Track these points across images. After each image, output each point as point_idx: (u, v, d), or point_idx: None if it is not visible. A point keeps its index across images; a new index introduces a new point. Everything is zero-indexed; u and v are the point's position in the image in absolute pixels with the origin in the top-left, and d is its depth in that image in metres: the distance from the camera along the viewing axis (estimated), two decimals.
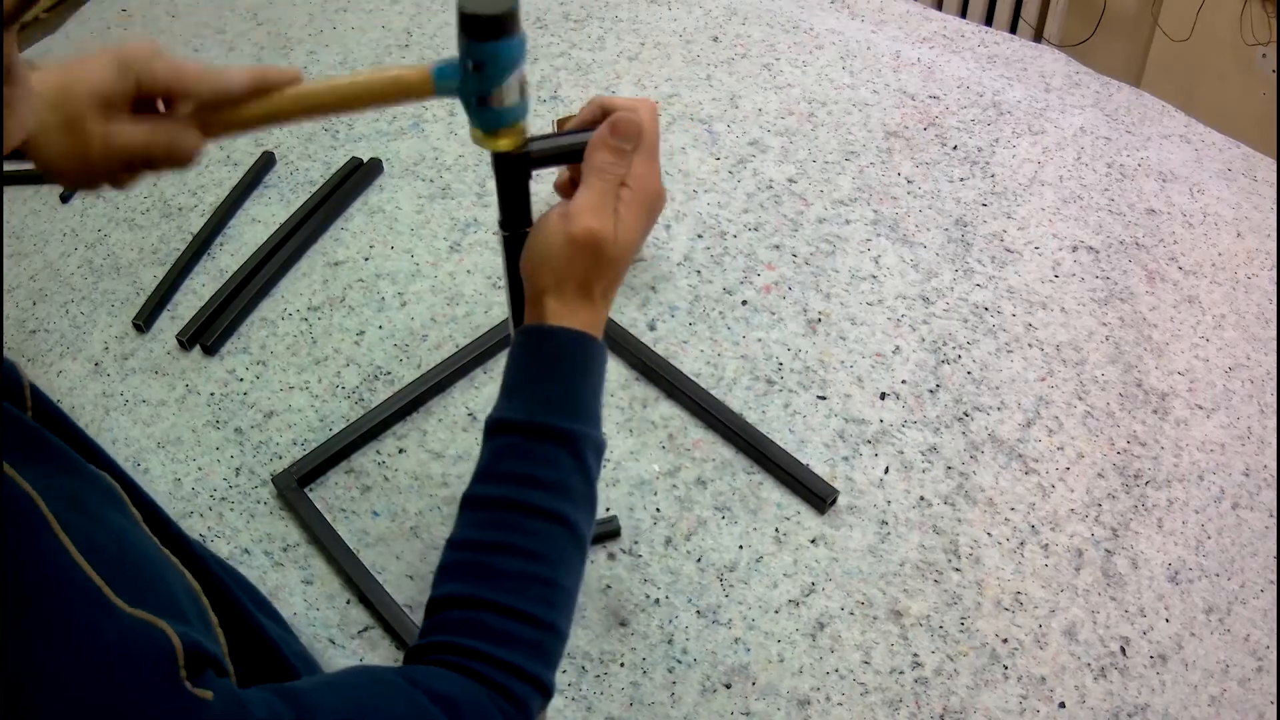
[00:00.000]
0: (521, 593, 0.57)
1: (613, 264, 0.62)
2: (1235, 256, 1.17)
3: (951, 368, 1.06)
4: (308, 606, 0.90)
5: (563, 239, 0.61)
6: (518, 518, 0.59)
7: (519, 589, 0.57)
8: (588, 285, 0.62)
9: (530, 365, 0.63)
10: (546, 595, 0.58)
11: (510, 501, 0.59)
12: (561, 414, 0.61)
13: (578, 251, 0.61)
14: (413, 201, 1.25)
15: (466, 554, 0.59)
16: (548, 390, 0.62)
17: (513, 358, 0.64)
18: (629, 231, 0.62)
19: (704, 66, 1.42)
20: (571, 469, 0.60)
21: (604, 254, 0.62)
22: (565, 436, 0.60)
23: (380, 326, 1.12)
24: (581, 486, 0.61)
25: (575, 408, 0.62)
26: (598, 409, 0.64)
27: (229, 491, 0.99)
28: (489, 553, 0.58)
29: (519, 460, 0.60)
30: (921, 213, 1.21)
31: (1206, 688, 0.84)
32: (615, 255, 0.62)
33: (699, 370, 1.05)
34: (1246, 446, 1.00)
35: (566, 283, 0.62)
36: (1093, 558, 0.92)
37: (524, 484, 0.60)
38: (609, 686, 0.84)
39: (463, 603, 0.57)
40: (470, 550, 0.59)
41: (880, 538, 0.93)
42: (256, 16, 1.57)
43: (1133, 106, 1.36)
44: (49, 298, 1.18)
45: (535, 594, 0.58)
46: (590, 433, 0.62)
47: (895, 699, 0.83)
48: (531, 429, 0.60)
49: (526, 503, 0.59)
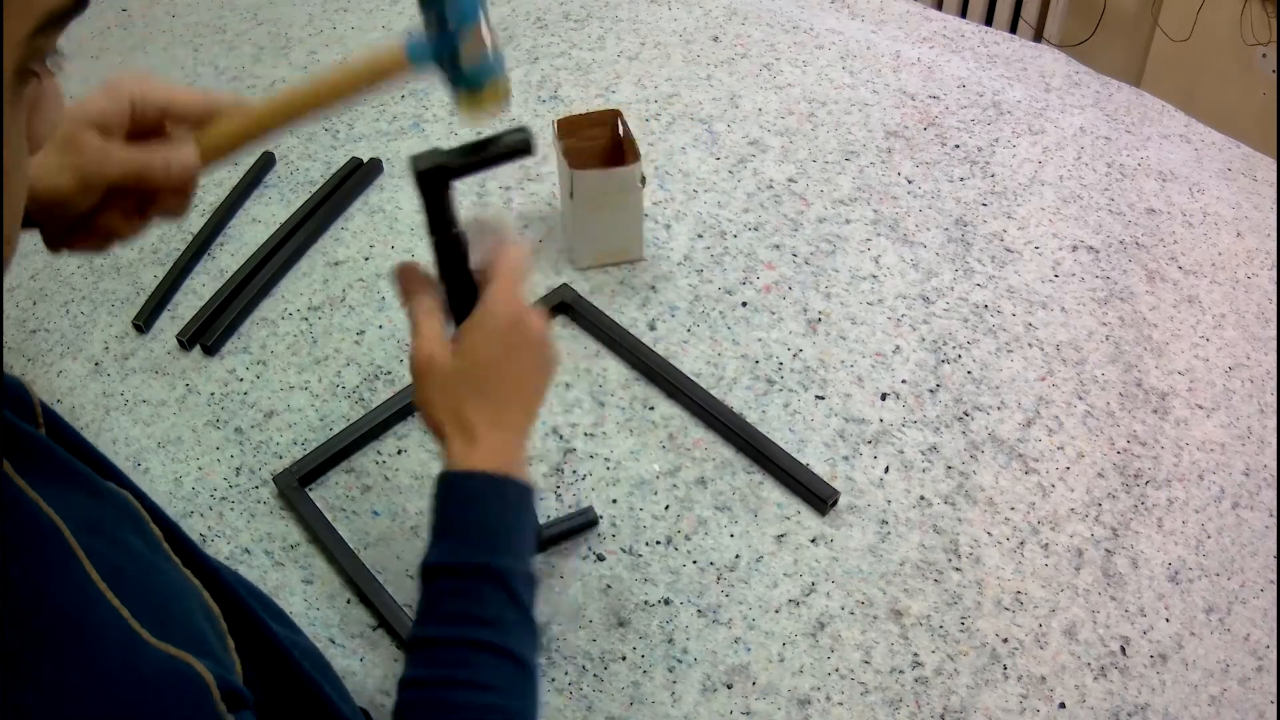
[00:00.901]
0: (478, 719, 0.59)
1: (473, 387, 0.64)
2: (1235, 256, 1.17)
3: (951, 367, 1.06)
4: (308, 606, 0.90)
5: (413, 377, 0.66)
6: (463, 653, 0.60)
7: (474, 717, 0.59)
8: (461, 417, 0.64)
9: (448, 509, 0.64)
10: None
11: (452, 640, 0.61)
12: (484, 553, 0.62)
13: (424, 383, 0.65)
14: (413, 201, 1.25)
15: (418, 692, 0.60)
16: (468, 532, 0.63)
17: (435, 500, 0.65)
18: (472, 348, 0.64)
19: (704, 66, 1.42)
20: (503, 603, 0.62)
21: (447, 377, 0.64)
22: (491, 574, 0.62)
23: (380, 326, 1.12)
24: (516, 619, 0.62)
25: (496, 545, 0.63)
26: (523, 543, 0.65)
27: (229, 491, 0.99)
28: (439, 688, 0.60)
29: (453, 599, 0.62)
30: (921, 212, 1.21)
31: (1207, 687, 0.84)
32: (464, 376, 0.64)
33: (699, 370, 1.06)
34: (1246, 446, 1.00)
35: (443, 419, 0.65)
36: (1093, 557, 0.92)
37: (462, 622, 0.61)
38: (609, 686, 0.85)
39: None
40: (421, 689, 0.60)
41: (880, 537, 0.93)
42: (256, 16, 1.57)
43: (1133, 106, 1.36)
44: (49, 297, 1.18)
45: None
46: (516, 567, 0.63)
47: (895, 698, 0.83)
48: (459, 570, 0.62)
49: (468, 639, 0.61)
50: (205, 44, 1.53)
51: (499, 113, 0.62)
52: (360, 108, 1.38)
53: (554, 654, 0.86)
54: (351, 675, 0.86)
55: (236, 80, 1.45)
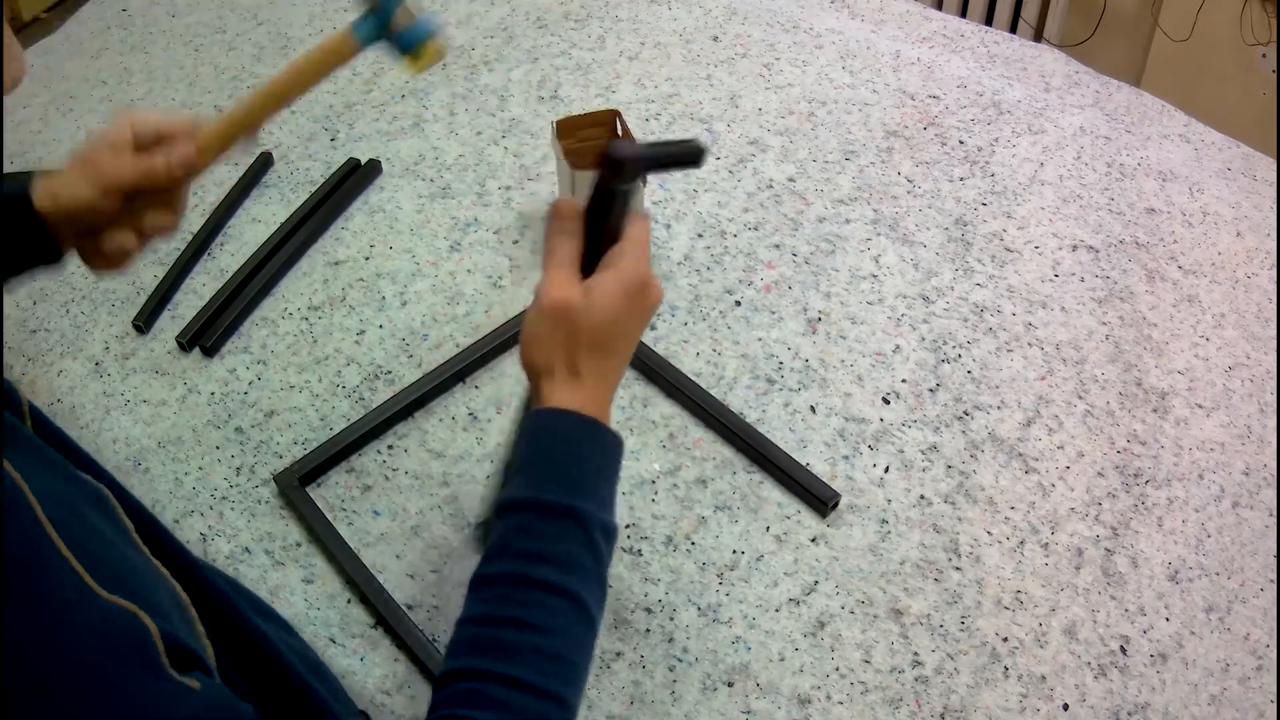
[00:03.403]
0: (525, 664, 0.58)
1: (592, 336, 0.64)
2: (1235, 256, 1.17)
3: (951, 367, 1.06)
4: (308, 606, 0.90)
5: (535, 315, 0.65)
6: (522, 592, 0.60)
7: (522, 661, 0.58)
8: (573, 362, 0.64)
9: (535, 445, 0.64)
10: (549, 668, 0.58)
11: (516, 577, 0.60)
12: (566, 492, 0.62)
13: (551, 324, 0.64)
14: (413, 201, 1.25)
15: (472, 629, 0.60)
16: (553, 469, 0.63)
17: (519, 438, 0.66)
18: (604, 300, 0.64)
19: (704, 66, 1.42)
20: (579, 544, 0.61)
21: (576, 322, 0.64)
22: (571, 513, 0.61)
23: (381, 326, 1.12)
24: (590, 564, 0.61)
25: (580, 487, 0.62)
26: (607, 493, 0.64)
27: (230, 491, 0.99)
28: (493, 626, 0.59)
29: (525, 537, 0.61)
30: (921, 212, 1.21)
31: (1207, 686, 0.84)
32: (592, 325, 0.64)
33: (699, 369, 1.06)
34: (1246, 445, 1.00)
35: (554, 361, 0.65)
36: (1093, 556, 0.92)
37: (530, 559, 0.60)
38: (610, 685, 0.85)
39: (465, 675, 0.58)
40: (476, 625, 0.60)
41: (880, 536, 0.93)
42: (256, 16, 1.57)
43: (1133, 106, 1.36)
44: (49, 297, 1.18)
45: (539, 666, 0.58)
46: (598, 514, 0.62)
47: (896, 698, 0.84)
48: (538, 506, 0.61)
49: (532, 577, 0.60)
50: (205, 44, 1.53)
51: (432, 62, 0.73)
52: (360, 108, 1.38)
53: None
54: (352, 675, 0.86)
55: (237, 80, 1.45)
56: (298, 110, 1.39)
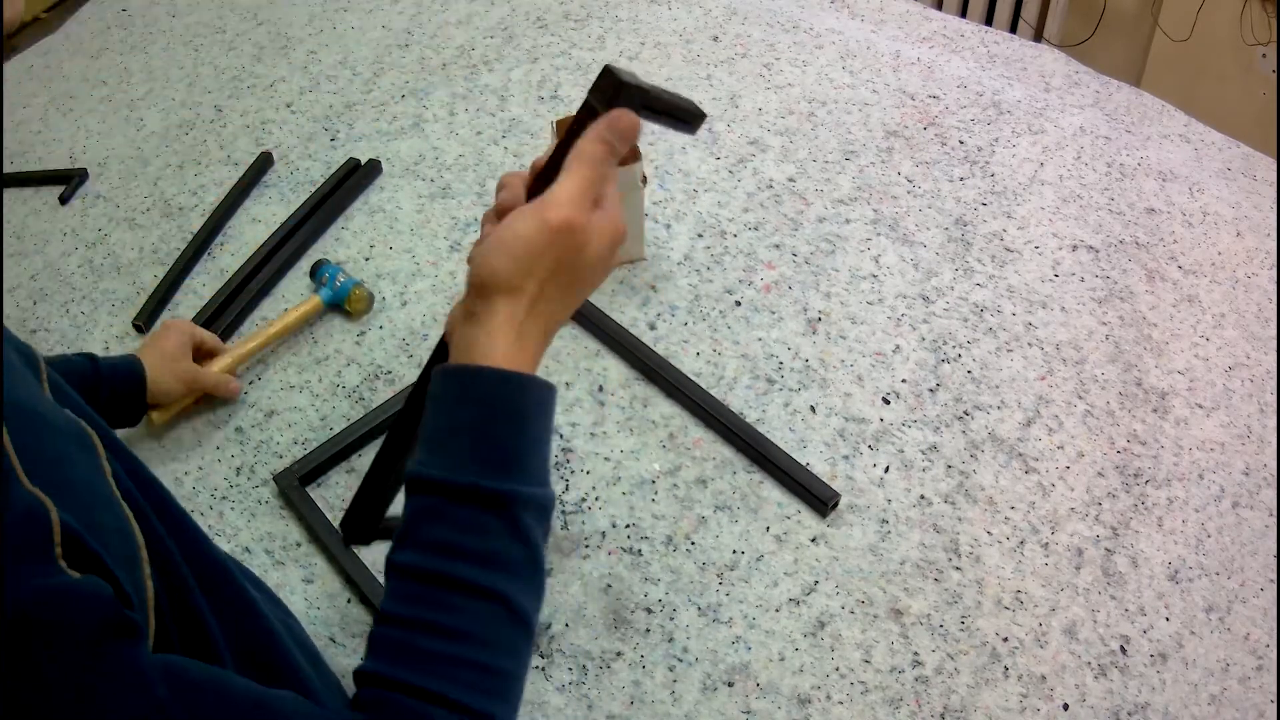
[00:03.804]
0: (446, 677, 0.51)
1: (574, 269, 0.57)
2: (1235, 256, 1.17)
3: (951, 367, 1.06)
4: (308, 605, 0.90)
5: (536, 227, 0.55)
6: (440, 593, 0.52)
7: (443, 673, 0.51)
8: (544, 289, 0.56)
9: (455, 411, 0.55)
10: (475, 680, 0.52)
11: (432, 574, 0.53)
12: (490, 472, 0.53)
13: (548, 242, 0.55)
14: (413, 201, 1.25)
15: (390, 630, 0.53)
16: (474, 443, 0.54)
17: (433, 399, 0.56)
18: (601, 239, 0.57)
19: (704, 66, 1.42)
20: (504, 536, 0.53)
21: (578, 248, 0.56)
22: (495, 499, 0.53)
23: (381, 326, 1.12)
24: (519, 554, 0.53)
25: (508, 463, 0.54)
26: (539, 462, 0.56)
27: (230, 490, 0.99)
28: (410, 630, 0.52)
29: (441, 526, 0.53)
30: (921, 212, 1.21)
31: (1207, 686, 0.84)
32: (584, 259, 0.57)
33: (699, 370, 1.06)
34: (1246, 445, 1.00)
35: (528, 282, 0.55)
36: (1093, 556, 0.92)
37: (447, 554, 0.53)
38: (610, 685, 0.85)
39: (380, 682, 0.52)
40: (392, 626, 0.53)
41: (880, 536, 0.93)
42: (256, 16, 1.57)
43: (1132, 106, 1.36)
44: (49, 297, 1.18)
45: (463, 679, 0.51)
46: (528, 491, 0.54)
47: (896, 697, 0.84)
48: (453, 490, 0.53)
49: (450, 576, 0.52)
50: (205, 44, 1.53)
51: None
52: (360, 108, 1.38)
53: (554, 653, 0.86)
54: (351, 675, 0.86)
55: (237, 80, 1.45)
56: (298, 110, 1.39)
